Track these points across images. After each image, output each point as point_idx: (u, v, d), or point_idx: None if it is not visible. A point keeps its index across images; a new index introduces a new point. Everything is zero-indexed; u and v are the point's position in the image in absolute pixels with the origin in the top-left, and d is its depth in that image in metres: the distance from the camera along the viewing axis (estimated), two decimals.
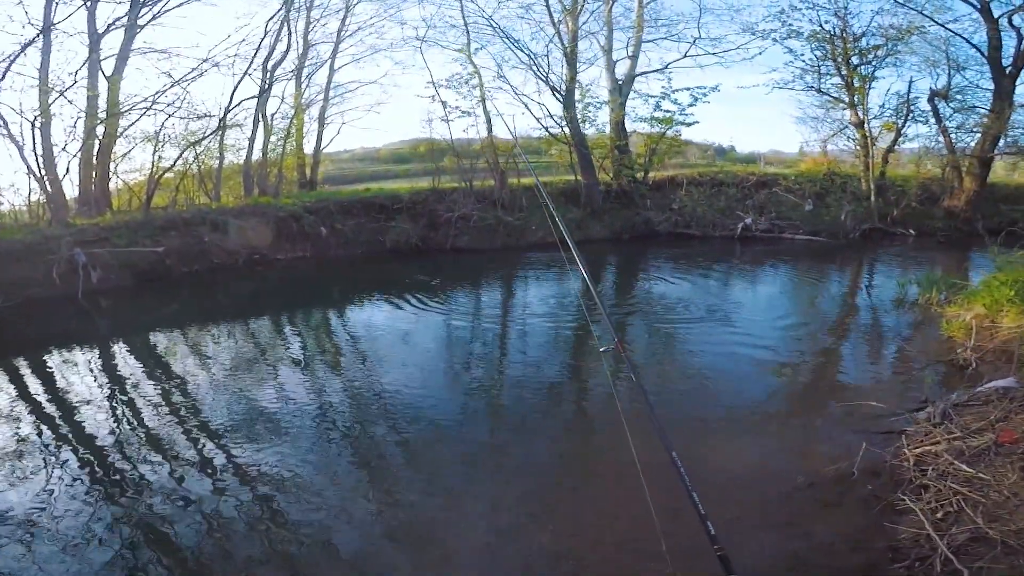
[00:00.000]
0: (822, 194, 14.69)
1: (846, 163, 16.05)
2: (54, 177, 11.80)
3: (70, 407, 5.27)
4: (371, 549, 3.19)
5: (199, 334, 7.92)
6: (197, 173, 14.96)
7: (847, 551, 2.88)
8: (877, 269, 11.32)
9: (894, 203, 13.90)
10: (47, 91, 11.38)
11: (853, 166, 15.43)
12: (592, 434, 4.68)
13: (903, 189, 14.21)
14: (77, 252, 9.84)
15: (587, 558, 3.01)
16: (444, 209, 13.66)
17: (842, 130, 15.43)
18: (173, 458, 4.20)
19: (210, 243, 11.67)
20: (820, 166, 16.15)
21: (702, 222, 14.34)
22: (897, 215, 13.69)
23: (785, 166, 18.90)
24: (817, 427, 4.50)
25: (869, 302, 8.80)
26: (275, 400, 5.29)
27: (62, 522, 3.35)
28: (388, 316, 8.31)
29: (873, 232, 13.50)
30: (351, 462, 4.20)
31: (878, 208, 13.83)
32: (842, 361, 6.19)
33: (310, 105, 17.80)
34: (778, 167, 18.69)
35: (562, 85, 15.01)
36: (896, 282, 8.95)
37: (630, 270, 12.01)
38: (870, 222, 13.65)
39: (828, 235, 13.46)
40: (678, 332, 7.21)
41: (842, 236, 13.37)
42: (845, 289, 9.88)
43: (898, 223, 13.61)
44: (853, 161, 15.54)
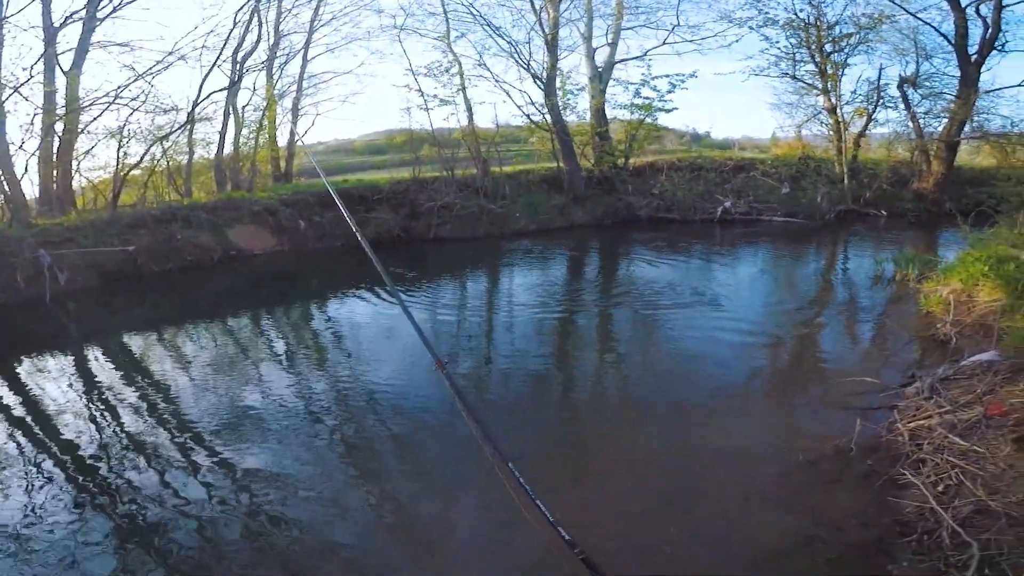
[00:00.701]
0: (798, 177, 14.97)
1: (819, 148, 16.37)
2: (12, 177, 11.24)
3: (47, 416, 5.06)
4: (365, 544, 3.16)
5: (175, 334, 7.65)
6: (166, 169, 14.43)
7: (855, 527, 2.92)
8: (853, 249, 11.58)
9: (867, 185, 14.27)
10: (0, 88, 10.79)
11: (826, 150, 15.77)
12: (584, 424, 4.65)
13: (875, 172, 14.63)
14: (41, 254, 9.40)
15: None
16: (425, 199, 13.48)
17: (816, 115, 15.81)
18: (159, 462, 4.07)
19: (183, 240, 11.27)
20: (795, 150, 16.44)
21: (682, 206, 14.49)
22: (870, 197, 14.05)
23: (759, 151, 19.16)
24: (808, 405, 4.57)
25: (848, 280, 9.00)
26: (259, 399, 5.16)
27: (54, 534, 3.22)
28: (369, 309, 8.16)
29: (848, 214, 13.82)
30: (340, 458, 4.13)
31: (851, 190, 14.16)
32: (826, 339, 6.32)
33: (283, 97, 17.27)
34: (752, 152, 18.93)
35: (543, 72, 14.92)
36: (872, 260, 9.18)
37: (613, 255, 12.07)
38: (844, 204, 13.97)
39: (805, 217, 13.73)
40: (663, 316, 7.24)
41: (818, 218, 13.65)
42: (824, 268, 10.09)
43: (870, 205, 13.96)
44: (826, 146, 15.88)
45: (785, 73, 15.33)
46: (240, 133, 15.81)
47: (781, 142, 18.37)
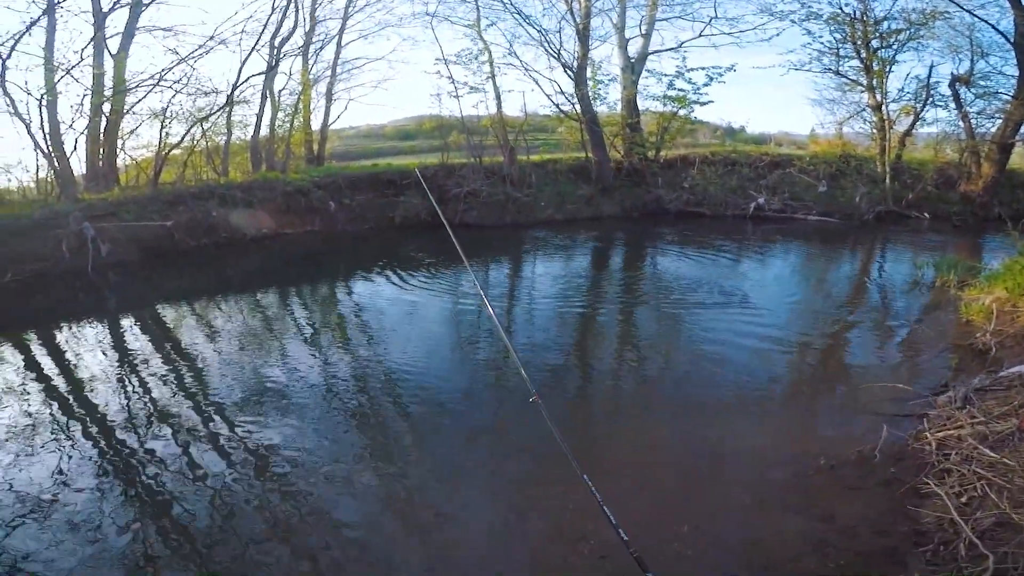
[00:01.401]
0: (836, 176, 14.47)
1: (861, 146, 15.77)
2: (61, 154, 11.70)
3: (81, 382, 5.29)
4: (372, 524, 3.20)
5: (207, 308, 7.93)
6: (204, 149, 14.83)
7: (871, 535, 2.85)
8: (891, 251, 11.16)
9: (910, 186, 13.68)
10: (53, 69, 11.23)
11: (868, 149, 15.17)
12: (597, 420, 4.63)
13: (919, 173, 14.00)
14: (86, 226, 9.82)
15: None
16: (453, 184, 13.54)
17: (859, 113, 15.20)
18: (182, 433, 4.21)
19: (218, 217, 11.61)
20: (835, 148, 15.88)
21: (713, 201, 14.18)
22: (912, 198, 13.46)
23: (796, 147, 18.60)
24: (833, 409, 4.46)
25: (884, 284, 8.67)
26: (282, 375, 5.30)
27: (76, 499, 3.37)
28: (394, 291, 8.25)
29: (888, 215, 13.29)
30: (355, 437, 4.20)
31: (893, 191, 13.60)
32: (858, 343, 6.11)
33: (317, 81, 17.56)
34: (789, 148, 18.38)
35: (574, 62, 14.74)
36: (911, 264, 8.84)
37: (639, 248, 11.92)
38: (885, 205, 13.43)
39: (842, 216, 13.28)
40: (687, 312, 7.11)
41: (856, 218, 13.19)
42: (859, 270, 9.75)
43: (913, 206, 13.38)
44: (868, 144, 15.27)
45: (828, 68, 14.82)
46: (276, 116, 16.14)
47: (820, 139, 17.79)
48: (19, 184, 12.81)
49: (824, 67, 14.81)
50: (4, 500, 3.38)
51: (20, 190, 12.76)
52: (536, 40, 14.84)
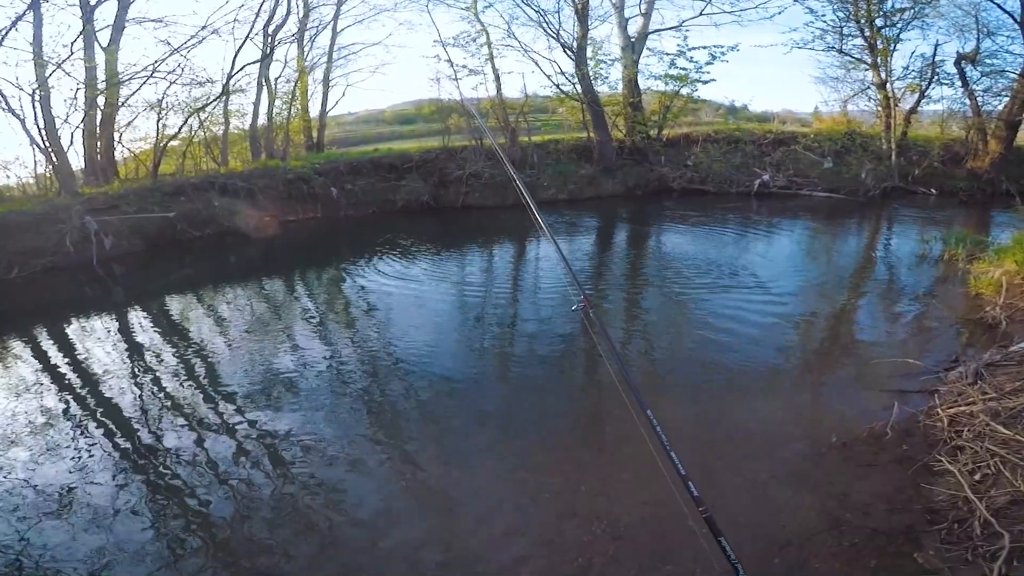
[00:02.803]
0: (841, 153, 14.34)
1: (865, 123, 15.59)
2: (58, 148, 11.64)
3: (93, 376, 5.32)
4: (383, 507, 3.22)
5: (213, 298, 7.94)
6: (203, 139, 14.73)
7: (884, 512, 2.86)
8: (898, 226, 11.07)
9: (916, 163, 13.54)
10: (43, 64, 11.10)
11: (873, 126, 15.00)
12: (605, 397, 4.61)
13: (925, 150, 13.86)
14: (88, 220, 9.80)
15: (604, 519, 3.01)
16: (455, 167, 13.45)
17: (864, 91, 15.03)
18: (195, 424, 4.25)
19: (220, 207, 11.57)
20: (839, 125, 15.71)
21: (717, 178, 14.07)
22: (919, 175, 13.33)
23: (800, 125, 18.37)
24: (843, 386, 4.43)
25: (891, 258, 8.62)
26: (290, 362, 5.32)
27: (93, 494, 3.40)
28: (399, 275, 8.24)
29: (894, 191, 13.16)
30: (364, 422, 4.22)
31: (899, 167, 13.46)
32: (864, 318, 6.09)
33: (314, 68, 17.34)
34: (793, 126, 18.16)
35: (573, 42, 14.52)
36: (919, 239, 8.77)
37: (643, 226, 11.86)
38: (891, 181, 13.29)
39: (847, 193, 13.15)
40: (693, 290, 7.06)
41: (862, 194, 13.06)
42: (865, 245, 9.68)
43: (919, 183, 13.25)
44: (873, 121, 15.09)
45: (831, 47, 14.65)
46: (273, 104, 15.97)
47: (824, 116, 17.60)
48: (18, 180, 12.82)
49: (827, 46, 14.65)
50: (25, 495, 3.42)
51: (20, 186, 12.75)
52: (535, 21, 14.62)
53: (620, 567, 2.68)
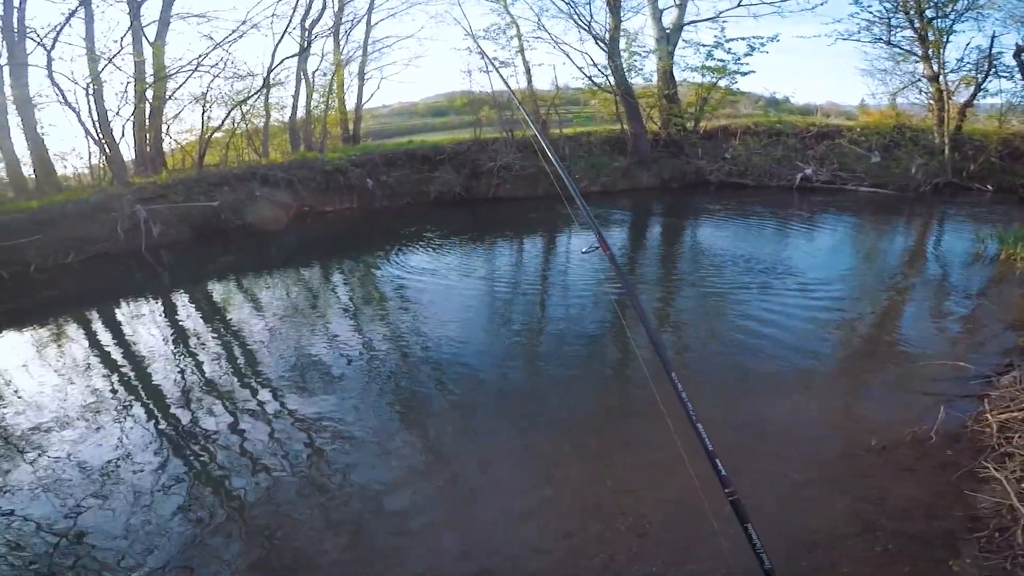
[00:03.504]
0: (890, 147, 13.69)
1: (916, 116, 14.83)
2: (111, 140, 12.22)
3: (139, 358, 5.58)
4: (408, 496, 3.25)
5: (253, 285, 8.22)
6: (245, 131, 15.21)
7: (923, 517, 2.75)
8: (950, 223, 10.51)
9: (971, 158, 12.78)
10: (95, 59, 11.66)
11: (925, 120, 14.25)
12: (633, 390, 4.54)
13: (982, 144, 13.04)
14: (138, 209, 10.27)
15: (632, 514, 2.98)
16: (486, 159, 13.50)
17: (914, 83, 14.30)
18: (233, 408, 4.39)
19: (261, 197, 11.94)
20: (887, 119, 14.99)
21: (757, 172, 13.67)
22: (974, 170, 12.58)
23: (845, 118, 17.64)
24: (886, 387, 4.25)
25: (941, 256, 8.21)
26: (325, 350, 5.45)
27: (135, 475, 3.54)
28: (430, 266, 8.33)
29: (946, 187, 12.49)
30: (394, 410, 4.28)
31: (953, 163, 12.75)
32: (911, 318, 5.81)
33: (349, 61, 17.67)
34: (838, 119, 17.45)
35: (605, 34, 14.32)
36: (973, 237, 8.32)
37: (679, 219, 11.63)
38: (943, 176, 12.61)
39: (896, 188, 12.57)
40: (729, 284, 6.87)
41: (911, 190, 12.46)
42: (914, 243, 9.25)
43: (975, 178, 12.52)
44: (925, 115, 14.34)
45: (878, 39, 13.91)
46: (311, 97, 16.34)
47: (871, 109, 16.83)
48: (75, 171, 13.52)
49: (874, 37, 13.90)
50: (72, 475, 3.59)
51: (76, 176, 13.45)
52: (565, 13, 14.48)
53: (642, 564, 2.65)
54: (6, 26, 11.15)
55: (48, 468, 3.69)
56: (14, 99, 11.66)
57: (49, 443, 4.00)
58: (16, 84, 11.57)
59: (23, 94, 11.64)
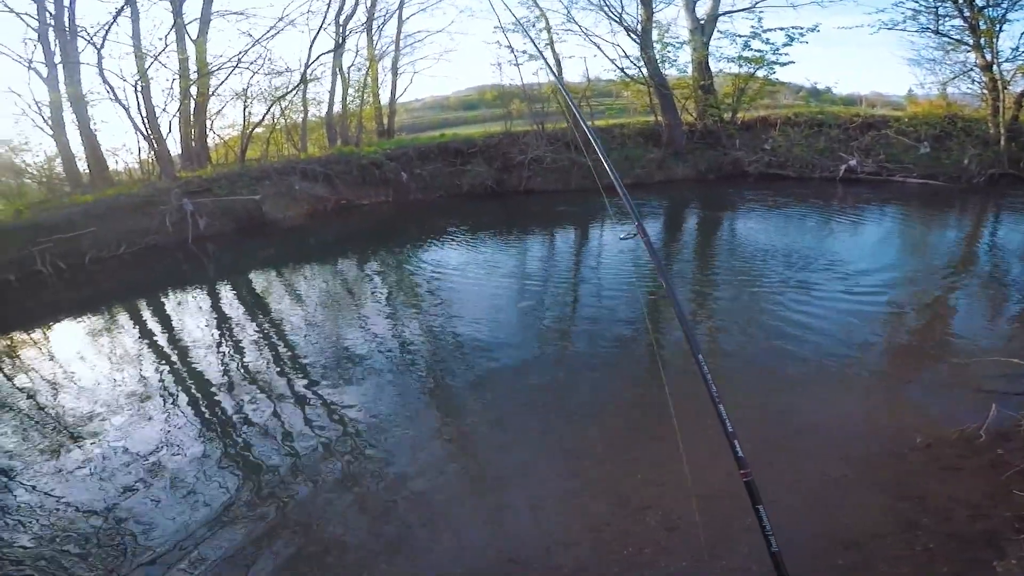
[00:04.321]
0: (941, 137, 13.03)
1: (968, 106, 14.06)
2: (159, 135, 12.75)
3: (185, 348, 5.83)
4: (437, 487, 3.29)
5: (292, 276, 8.50)
6: (284, 126, 15.64)
7: (966, 518, 2.65)
8: (1006, 216, 9.96)
9: None
10: (142, 56, 12.16)
11: (978, 110, 13.49)
12: (669, 383, 4.47)
13: None
14: (185, 202, 10.71)
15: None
16: (517, 152, 13.52)
17: (966, 73, 13.52)
18: (271, 397, 4.54)
19: (301, 191, 12.27)
20: (937, 109, 14.26)
21: (798, 163, 13.23)
22: None
23: (892, 109, 16.88)
24: (936, 384, 4.09)
25: (995, 250, 7.80)
26: (359, 340, 5.58)
27: (178, 462, 3.69)
28: (463, 259, 8.42)
29: (1002, 178, 11.82)
30: (426, 401, 4.34)
31: (1009, 153, 12.05)
32: (962, 313, 5.55)
33: (382, 56, 17.92)
34: (884, 109, 16.71)
35: (637, 25, 14.11)
36: None
37: (716, 210, 11.40)
38: (999, 167, 11.93)
39: (947, 179, 11.97)
40: (769, 276, 6.70)
41: (964, 181, 11.85)
42: (967, 236, 8.79)
43: None
44: (978, 104, 13.58)
45: (925, 28, 13.20)
46: (346, 92, 16.66)
47: (920, 99, 16.02)
48: (125, 166, 14.20)
49: (921, 26, 13.21)
50: (118, 462, 3.76)
51: (127, 171, 14.12)
52: (595, 4, 14.31)
53: (671, 558, 2.63)
54: (58, 25, 11.69)
55: (97, 454, 3.88)
56: (68, 96, 12.24)
57: (99, 429, 4.22)
58: (70, 82, 12.15)
59: (76, 91, 12.22)
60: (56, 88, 12.18)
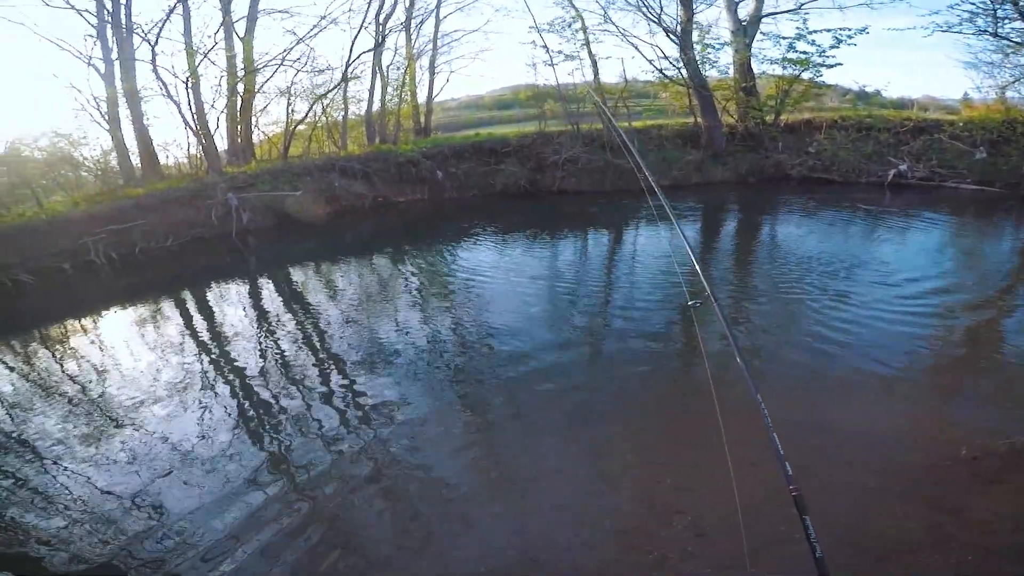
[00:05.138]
0: (999, 143, 12.37)
1: None
2: (207, 131, 13.22)
3: (225, 339, 6.07)
4: (465, 484, 3.34)
5: (330, 270, 8.73)
6: (325, 124, 16.04)
7: (1008, 532, 2.55)
8: None
9: None
10: (193, 53, 12.61)
11: None
12: (699, 389, 4.41)
13: None
14: (230, 197, 11.12)
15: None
16: (551, 152, 13.51)
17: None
18: (305, 390, 4.67)
19: (340, 188, 12.58)
20: (996, 113, 13.56)
21: (844, 167, 12.77)
22: None
23: (945, 113, 16.11)
24: (984, 396, 3.95)
25: None
26: (393, 337, 5.69)
27: (214, 452, 3.84)
28: (495, 258, 8.49)
29: None
30: (456, 398, 4.40)
31: None
32: (1014, 325, 5.26)
33: (420, 55, 18.16)
34: (937, 113, 15.95)
35: (677, 27, 13.88)
36: None
37: (756, 214, 11.14)
38: None
39: (1004, 186, 11.35)
40: (811, 282, 6.52)
41: (1023, 188, 11.23)
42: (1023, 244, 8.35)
43: None
44: None
45: (983, 31, 12.57)
46: (385, 91, 16.95)
47: (976, 103, 15.27)
48: (175, 160, 14.80)
49: (978, 29, 12.57)
50: (159, 451, 3.93)
51: (176, 166, 14.72)
52: (633, 5, 14.13)
53: (697, 564, 2.61)
54: (115, 22, 12.16)
55: (138, 441, 4.07)
56: (124, 92, 12.71)
57: (140, 416, 4.43)
58: (126, 78, 12.60)
59: (132, 87, 12.68)
60: (112, 84, 12.60)
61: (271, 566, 2.81)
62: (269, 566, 2.81)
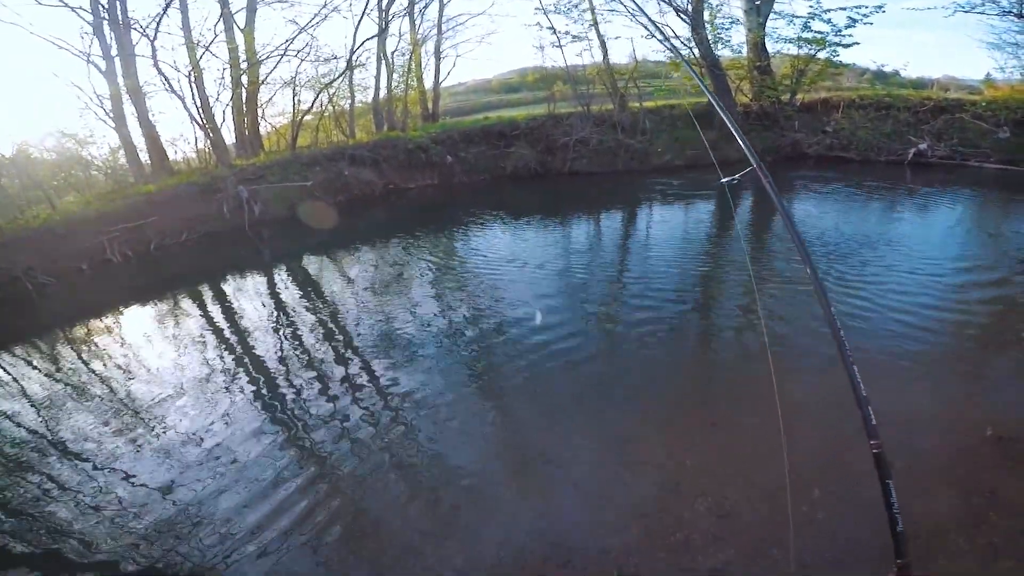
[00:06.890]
0: (1022, 122, 12.03)
1: None
2: (214, 124, 13.22)
3: (243, 331, 6.11)
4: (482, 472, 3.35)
5: (344, 259, 8.75)
6: (332, 113, 15.99)
7: None
8: None
9: None
10: (193, 47, 12.54)
11: None
12: (722, 372, 4.38)
13: None
14: (241, 189, 11.15)
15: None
16: (561, 134, 13.40)
17: None
18: (324, 380, 4.70)
19: (350, 176, 12.57)
20: (1020, 93, 13.14)
21: (863, 145, 12.54)
22: None
23: (966, 93, 15.66)
24: (1009, 376, 3.89)
25: None
26: (409, 324, 5.70)
27: (233, 443, 3.89)
28: (508, 242, 8.45)
29: None
30: (474, 385, 4.40)
31: None
32: None
33: (425, 40, 17.99)
34: (958, 93, 15.51)
35: (688, 5, 13.59)
36: None
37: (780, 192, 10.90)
38: None
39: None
40: (831, 261, 6.39)
41: None
42: None
43: None
44: None
45: (1008, 12, 12.30)
46: (391, 77, 16.84)
47: (999, 84, 14.82)
48: (183, 155, 14.86)
49: (1002, 9, 12.37)
50: (180, 442, 3.99)
51: (185, 160, 14.77)
52: None
53: (720, 546, 2.61)
54: (112, 18, 12.01)
55: (162, 435, 4.13)
56: (127, 89, 12.62)
57: (163, 410, 4.50)
58: (127, 74, 12.51)
59: (134, 83, 12.58)
60: (114, 81, 12.51)
61: (299, 555, 2.85)
62: (297, 555, 2.85)
